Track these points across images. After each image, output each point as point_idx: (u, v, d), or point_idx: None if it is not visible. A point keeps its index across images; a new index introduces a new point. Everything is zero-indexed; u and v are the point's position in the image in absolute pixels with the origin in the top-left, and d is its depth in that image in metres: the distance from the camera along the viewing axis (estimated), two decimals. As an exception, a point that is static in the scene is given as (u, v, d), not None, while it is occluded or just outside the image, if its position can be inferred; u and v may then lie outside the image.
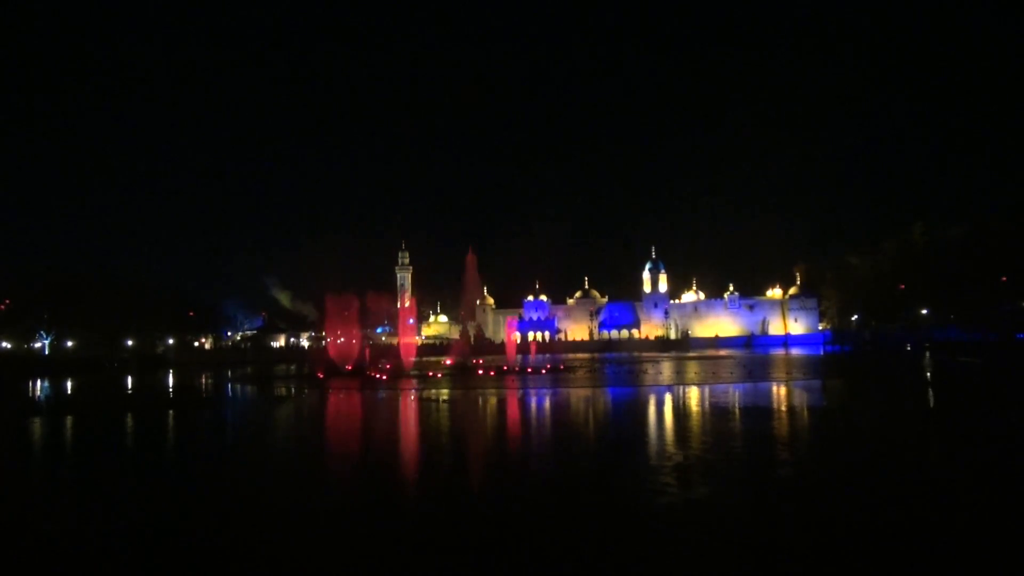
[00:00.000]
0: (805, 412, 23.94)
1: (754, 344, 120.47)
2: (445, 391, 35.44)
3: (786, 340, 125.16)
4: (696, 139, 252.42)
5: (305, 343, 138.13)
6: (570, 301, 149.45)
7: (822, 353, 79.67)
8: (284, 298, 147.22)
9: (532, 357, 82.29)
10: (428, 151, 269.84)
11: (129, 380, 56.36)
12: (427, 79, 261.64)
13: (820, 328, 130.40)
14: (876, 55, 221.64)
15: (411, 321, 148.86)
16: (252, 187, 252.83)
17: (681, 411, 24.90)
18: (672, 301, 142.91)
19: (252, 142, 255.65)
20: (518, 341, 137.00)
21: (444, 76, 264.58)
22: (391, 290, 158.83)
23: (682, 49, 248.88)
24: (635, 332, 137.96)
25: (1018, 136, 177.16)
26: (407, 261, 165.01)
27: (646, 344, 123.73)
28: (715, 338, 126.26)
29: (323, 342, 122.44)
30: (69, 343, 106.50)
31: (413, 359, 69.16)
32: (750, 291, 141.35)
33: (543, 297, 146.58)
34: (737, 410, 24.25)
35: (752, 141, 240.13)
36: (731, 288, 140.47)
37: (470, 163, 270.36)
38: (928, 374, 41.57)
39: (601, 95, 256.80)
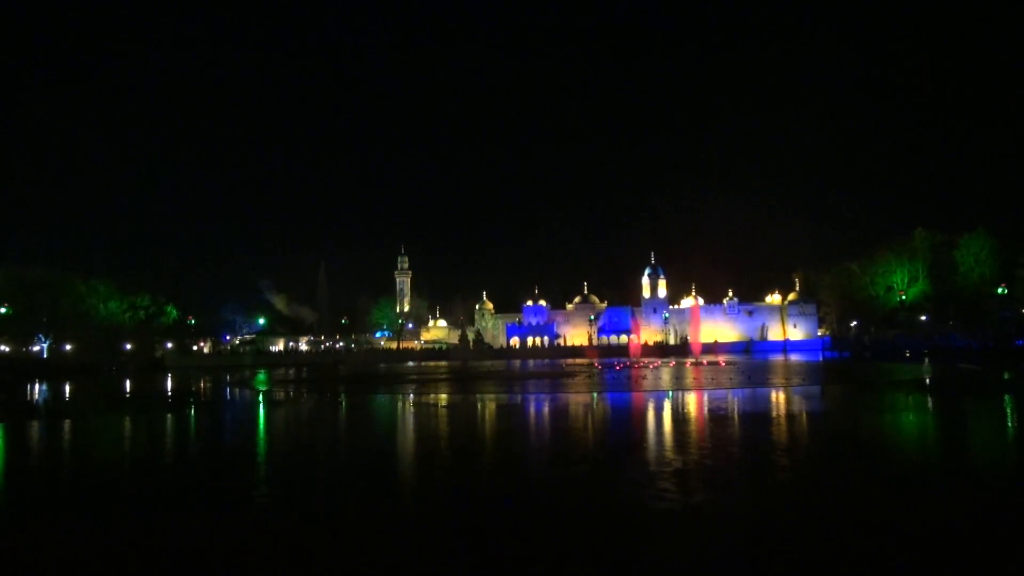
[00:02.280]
0: (804, 417, 23.93)
1: (753, 350, 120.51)
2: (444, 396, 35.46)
3: (785, 346, 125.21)
4: (696, 144, 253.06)
5: (304, 347, 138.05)
6: (569, 306, 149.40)
7: (821, 359, 79.72)
8: (281, 302, 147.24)
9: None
10: (427, 156, 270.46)
11: (128, 384, 56.31)
12: (427, 83, 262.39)
13: (819, 334, 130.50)
14: (877, 60, 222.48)
15: (410, 326, 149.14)
16: (251, 191, 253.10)
17: (680, 416, 24.89)
18: (671, 306, 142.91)
19: (251, 145, 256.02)
20: (517, 346, 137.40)
21: (444, 80, 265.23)
22: (391, 295, 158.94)
23: (681, 57, 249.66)
24: (634, 337, 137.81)
25: (1019, 142, 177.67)
26: (407, 266, 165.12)
27: (645, 349, 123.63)
28: (714, 344, 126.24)
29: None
30: (68, 346, 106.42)
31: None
32: (749, 297, 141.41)
33: (542, 302, 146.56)
34: (736, 415, 24.24)
35: (752, 146, 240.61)
36: (730, 294, 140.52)
37: (469, 168, 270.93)
38: (927, 380, 41.60)
39: (601, 101, 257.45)
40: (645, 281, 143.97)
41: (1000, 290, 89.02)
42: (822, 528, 9.68)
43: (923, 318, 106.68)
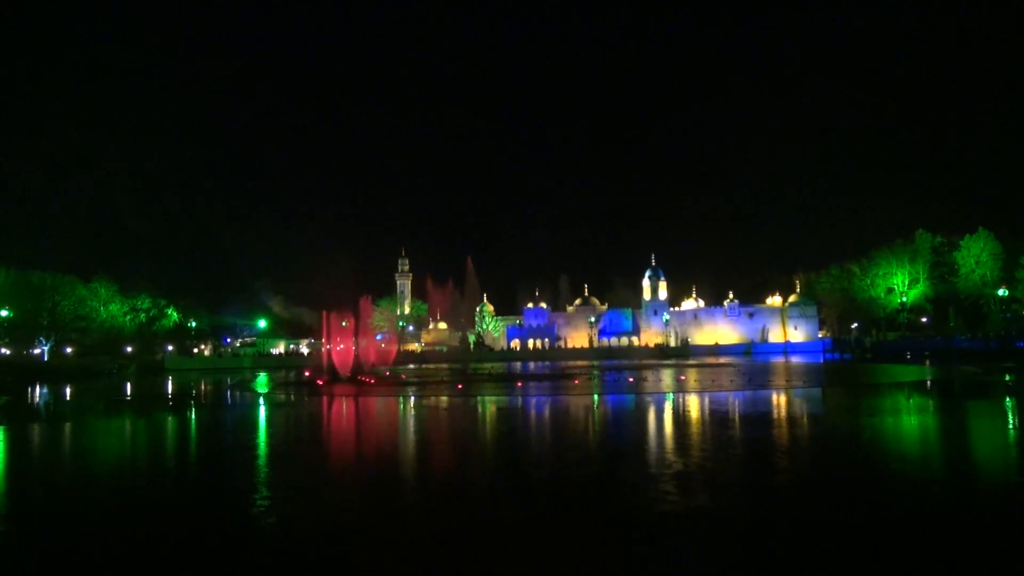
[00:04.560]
0: (804, 420, 23.90)
1: (754, 352, 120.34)
2: (444, 397, 35.42)
3: (786, 348, 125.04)
4: (696, 144, 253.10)
5: (304, 349, 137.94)
6: (570, 308, 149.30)
7: (822, 361, 79.61)
8: (278, 304, 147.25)
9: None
10: (427, 157, 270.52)
11: (128, 387, 56.29)
12: (428, 84, 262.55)
13: (820, 336, 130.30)
14: (878, 59, 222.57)
15: (411, 328, 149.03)
16: (252, 193, 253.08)
17: (681, 418, 24.86)
18: (672, 308, 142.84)
19: (251, 147, 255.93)
20: (518, 348, 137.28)
21: (445, 82, 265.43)
22: (391, 296, 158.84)
23: (680, 57, 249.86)
24: (635, 340, 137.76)
25: (1020, 143, 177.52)
26: (407, 268, 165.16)
27: (646, 351, 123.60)
28: (715, 346, 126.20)
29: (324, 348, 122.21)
30: (68, 349, 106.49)
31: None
32: (750, 298, 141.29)
33: (543, 304, 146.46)
34: (737, 417, 24.20)
35: (753, 147, 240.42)
36: (731, 296, 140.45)
37: (469, 170, 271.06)
38: (928, 382, 41.54)
39: (602, 102, 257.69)
40: (646, 283, 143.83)
41: (1001, 292, 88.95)
42: (822, 530, 9.65)
43: (924, 320, 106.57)
